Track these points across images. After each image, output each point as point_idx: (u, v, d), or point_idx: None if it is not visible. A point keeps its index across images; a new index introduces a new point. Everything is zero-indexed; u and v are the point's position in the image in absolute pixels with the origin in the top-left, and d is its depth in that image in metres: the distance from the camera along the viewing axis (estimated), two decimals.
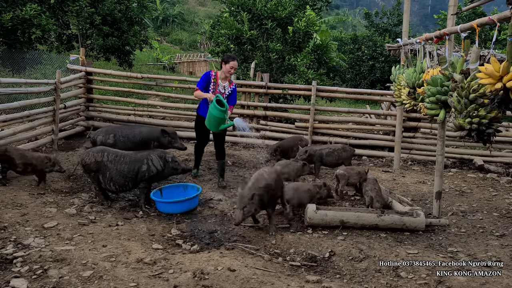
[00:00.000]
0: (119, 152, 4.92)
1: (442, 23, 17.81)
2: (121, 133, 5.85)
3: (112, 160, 4.79)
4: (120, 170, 4.76)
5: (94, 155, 4.80)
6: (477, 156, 8.02)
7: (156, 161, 4.89)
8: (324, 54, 9.56)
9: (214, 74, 5.72)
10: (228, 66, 5.60)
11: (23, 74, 10.85)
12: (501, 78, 3.28)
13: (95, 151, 4.87)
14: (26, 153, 5.26)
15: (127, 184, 4.83)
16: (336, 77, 18.20)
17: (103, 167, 4.76)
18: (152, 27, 31.55)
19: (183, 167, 5.13)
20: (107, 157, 4.80)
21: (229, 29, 9.23)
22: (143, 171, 4.81)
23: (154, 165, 4.86)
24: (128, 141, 5.77)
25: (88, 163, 4.79)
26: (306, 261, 3.75)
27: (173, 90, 11.41)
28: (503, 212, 5.36)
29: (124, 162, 4.80)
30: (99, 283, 3.12)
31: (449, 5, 4.87)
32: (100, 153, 4.82)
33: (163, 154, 4.98)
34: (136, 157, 4.88)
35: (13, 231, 3.90)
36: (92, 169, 4.79)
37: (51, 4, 12.64)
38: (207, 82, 5.64)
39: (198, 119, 5.89)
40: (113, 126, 6.33)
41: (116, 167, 4.76)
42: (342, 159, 6.33)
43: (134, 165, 4.80)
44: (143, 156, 4.88)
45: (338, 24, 29.34)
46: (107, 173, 4.76)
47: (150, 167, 4.84)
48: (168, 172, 5.00)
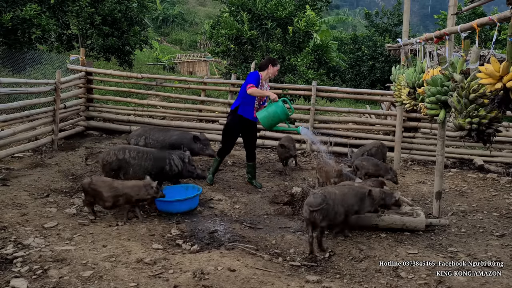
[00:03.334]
0: (140, 149, 5.09)
1: (442, 23, 17.79)
2: (152, 136, 5.89)
3: (134, 156, 4.92)
4: (144, 166, 4.90)
5: (115, 153, 4.92)
6: (477, 156, 8.01)
7: (177, 161, 5.08)
8: (324, 54, 9.56)
9: (260, 74, 5.73)
10: (276, 69, 5.76)
11: (23, 74, 10.85)
12: (501, 78, 3.28)
13: (116, 149, 5.01)
14: (114, 183, 4.50)
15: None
16: (336, 77, 18.18)
17: (126, 164, 4.89)
18: (152, 27, 31.52)
19: (199, 172, 5.24)
20: (129, 154, 4.93)
21: (229, 29, 9.22)
22: (167, 170, 5.00)
23: (175, 164, 5.05)
24: (158, 145, 5.82)
25: (109, 162, 4.88)
26: (306, 261, 3.75)
27: (173, 90, 11.40)
28: (503, 212, 5.36)
29: (148, 158, 4.95)
30: (99, 283, 3.12)
31: (449, 5, 4.87)
32: (122, 151, 4.96)
33: (182, 155, 5.15)
34: (159, 155, 5.06)
35: (13, 231, 3.90)
36: (113, 167, 4.89)
37: (51, 4, 12.63)
38: (258, 80, 5.65)
39: (239, 122, 5.73)
40: (146, 129, 6.29)
41: (140, 163, 4.90)
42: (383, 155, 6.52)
43: (159, 162, 4.98)
44: (165, 155, 5.07)
45: (338, 24, 29.30)
46: (130, 169, 4.88)
47: (172, 166, 5.03)
48: (185, 174, 5.15)
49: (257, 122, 5.85)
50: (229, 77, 9.94)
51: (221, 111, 8.86)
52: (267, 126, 5.44)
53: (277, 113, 5.32)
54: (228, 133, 5.84)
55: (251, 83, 5.55)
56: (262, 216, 4.92)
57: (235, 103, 5.77)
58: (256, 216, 4.92)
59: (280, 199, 5.28)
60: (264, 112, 5.41)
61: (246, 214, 4.95)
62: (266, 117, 5.38)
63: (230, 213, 4.92)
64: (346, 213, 4.06)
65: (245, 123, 5.74)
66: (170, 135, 5.95)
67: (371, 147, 6.47)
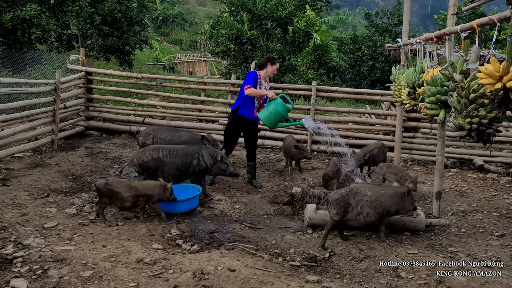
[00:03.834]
0: (172, 147, 5.24)
1: (442, 23, 17.79)
2: (160, 136, 5.96)
3: (167, 155, 5.08)
4: (175, 163, 5.07)
5: (150, 153, 5.09)
6: (477, 156, 8.01)
7: (206, 157, 5.20)
8: (324, 54, 9.56)
9: (258, 74, 5.75)
10: (275, 67, 5.78)
11: (23, 74, 10.86)
12: (501, 78, 3.28)
13: (150, 149, 5.16)
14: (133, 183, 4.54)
15: (180, 175, 5.16)
16: (336, 77, 18.16)
17: (161, 163, 5.04)
18: (152, 27, 31.52)
19: (232, 170, 5.32)
20: (162, 153, 5.08)
21: (229, 29, 9.22)
22: (194, 165, 5.13)
23: (204, 160, 5.18)
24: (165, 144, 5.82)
25: (145, 161, 5.05)
26: (306, 261, 3.75)
27: (173, 90, 11.40)
28: (503, 212, 5.36)
29: (178, 155, 5.11)
30: (99, 283, 3.12)
31: (449, 5, 4.86)
32: (156, 151, 5.11)
33: (214, 153, 5.26)
34: (188, 150, 5.20)
35: (13, 231, 3.90)
36: (150, 166, 5.04)
37: (51, 4, 12.64)
38: (256, 80, 5.67)
39: (240, 123, 5.77)
40: (154, 128, 6.35)
41: (171, 161, 5.07)
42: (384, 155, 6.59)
43: (187, 158, 5.12)
44: (194, 151, 5.21)
45: (338, 24, 29.29)
46: (165, 168, 5.03)
47: (200, 162, 5.16)
48: (216, 171, 5.28)
49: (258, 121, 5.87)
50: (229, 77, 9.94)
51: (221, 111, 8.86)
52: (271, 125, 5.51)
53: (278, 110, 5.40)
54: (229, 133, 5.87)
55: (248, 83, 5.57)
56: (262, 216, 4.92)
57: (236, 103, 5.78)
58: (256, 216, 4.92)
59: (280, 199, 5.28)
60: (265, 112, 5.44)
61: (246, 214, 4.96)
62: (268, 117, 5.43)
63: (230, 213, 4.93)
64: (379, 214, 4.11)
65: (246, 123, 5.75)
66: (179, 136, 5.99)
67: (373, 148, 6.47)
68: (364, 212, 4.06)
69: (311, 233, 4.36)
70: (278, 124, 5.58)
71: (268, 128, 5.77)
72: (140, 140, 6.03)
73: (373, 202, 4.09)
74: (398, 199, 4.17)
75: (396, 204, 4.16)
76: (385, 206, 4.11)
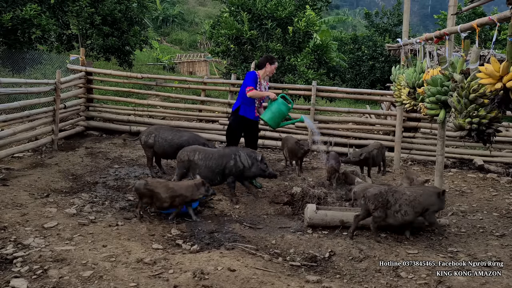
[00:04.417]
0: (208, 150, 5.28)
1: (442, 23, 17.79)
2: (161, 135, 5.98)
3: (202, 158, 5.12)
4: (208, 166, 5.08)
5: (187, 154, 5.17)
6: (477, 156, 8.01)
7: (244, 158, 5.17)
8: (324, 54, 9.57)
9: (258, 74, 5.76)
10: (273, 67, 5.79)
11: (23, 74, 10.86)
12: (501, 78, 3.28)
13: (189, 150, 5.23)
14: (170, 184, 4.62)
15: (216, 178, 5.14)
16: (336, 77, 18.17)
17: (194, 165, 5.10)
18: (152, 27, 31.52)
19: (271, 171, 5.34)
20: (198, 156, 5.13)
21: (229, 29, 9.23)
22: (230, 166, 5.10)
23: (241, 161, 5.14)
24: (166, 144, 5.92)
25: (183, 160, 5.15)
26: (306, 261, 3.75)
27: (173, 90, 11.40)
28: (503, 212, 5.36)
29: (213, 158, 5.12)
30: (99, 283, 3.12)
31: (449, 5, 4.86)
32: (192, 152, 5.17)
33: (252, 154, 5.24)
34: (223, 152, 5.21)
35: (13, 231, 3.90)
36: (185, 166, 5.14)
37: (51, 4, 12.64)
38: (256, 81, 5.68)
39: (241, 123, 5.77)
40: (156, 127, 6.35)
41: (205, 163, 5.09)
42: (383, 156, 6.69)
43: (222, 160, 5.11)
44: (231, 152, 5.20)
45: (338, 24, 29.27)
46: (197, 170, 5.07)
47: (237, 163, 5.12)
48: (255, 171, 5.24)
49: (258, 121, 5.89)
50: (229, 77, 9.95)
51: (221, 111, 8.86)
52: (275, 125, 5.61)
53: (281, 110, 5.51)
54: (231, 134, 5.88)
55: (249, 85, 5.59)
56: (262, 216, 4.92)
57: (236, 104, 5.78)
58: (256, 216, 4.92)
59: (280, 199, 5.29)
60: (268, 113, 5.50)
61: (246, 214, 4.96)
62: (272, 118, 5.53)
63: (230, 213, 4.92)
64: (417, 213, 4.21)
65: (247, 123, 5.77)
66: (180, 136, 6.00)
67: (372, 149, 6.49)
68: (403, 210, 4.16)
69: (311, 233, 4.36)
70: (285, 122, 5.74)
71: (272, 128, 5.86)
72: (142, 139, 6.05)
73: (412, 201, 4.18)
74: (436, 198, 4.27)
75: (433, 204, 4.27)
76: (424, 205, 4.21)
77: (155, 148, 5.96)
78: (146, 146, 6.02)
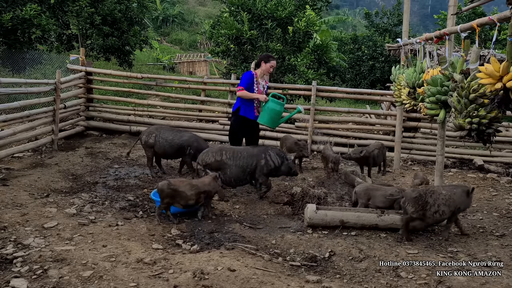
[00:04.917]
0: (236, 149, 5.27)
1: (442, 23, 17.79)
2: (162, 135, 6.00)
3: (230, 157, 5.10)
4: (239, 165, 5.08)
5: (213, 154, 5.15)
6: (477, 156, 8.01)
7: (274, 157, 5.21)
8: (324, 54, 9.55)
9: (254, 73, 5.76)
10: (269, 65, 5.76)
11: (23, 74, 10.86)
12: (501, 78, 3.28)
13: (214, 151, 5.21)
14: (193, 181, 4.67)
15: (246, 178, 5.19)
16: (336, 77, 18.19)
17: (223, 165, 5.08)
18: (152, 27, 31.54)
19: (295, 170, 5.44)
20: (226, 155, 5.11)
21: (229, 29, 9.22)
22: (262, 165, 5.13)
23: (272, 160, 5.18)
24: (166, 144, 5.95)
25: (208, 163, 5.12)
26: (306, 261, 3.75)
27: (173, 90, 11.40)
28: (503, 212, 5.36)
29: (242, 157, 5.12)
30: (99, 283, 3.12)
31: (449, 5, 4.87)
32: (219, 153, 5.15)
33: (281, 153, 5.32)
34: (253, 152, 5.21)
35: (13, 231, 3.90)
36: (212, 167, 5.10)
37: (51, 4, 12.64)
38: (251, 82, 5.67)
39: (242, 123, 5.77)
40: (157, 127, 6.37)
41: (235, 163, 5.08)
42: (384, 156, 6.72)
43: (252, 159, 5.12)
44: (261, 151, 5.22)
45: (338, 24, 29.30)
46: (227, 170, 5.07)
47: (268, 162, 5.16)
48: (284, 170, 5.30)
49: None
50: (229, 77, 9.94)
51: (221, 111, 8.86)
52: (274, 125, 5.63)
53: (277, 109, 5.49)
54: (234, 135, 5.89)
55: (240, 85, 5.63)
56: (262, 216, 4.92)
57: (236, 104, 5.79)
58: (256, 216, 4.92)
59: (280, 199, 5.28)
60: (265, 116, 5.49)
61: (246, 214, 4.95)
62: (270, 120, 5.52)
63: (230, 213, 4.92)
64: (451, 212, 4.31)
65: (248, 123, 5.76)
66: (180, 136, 6.02)
67: (373, 149, 6.49)
68: (441, 210, 4.25)
69: (311, 233, 4.35)
70: (282, 119, 5.73)
71: (272, 128, 5.96)
72: (143, 139, 6.06)
73: (447, 200, 4.27)
74: (466, 197, 4.37)
75: (464, 202, 4.36)
76: (457, 204, 4.31)
77: (156, 148, 5.97)
78: (147, 146, 6.03)
